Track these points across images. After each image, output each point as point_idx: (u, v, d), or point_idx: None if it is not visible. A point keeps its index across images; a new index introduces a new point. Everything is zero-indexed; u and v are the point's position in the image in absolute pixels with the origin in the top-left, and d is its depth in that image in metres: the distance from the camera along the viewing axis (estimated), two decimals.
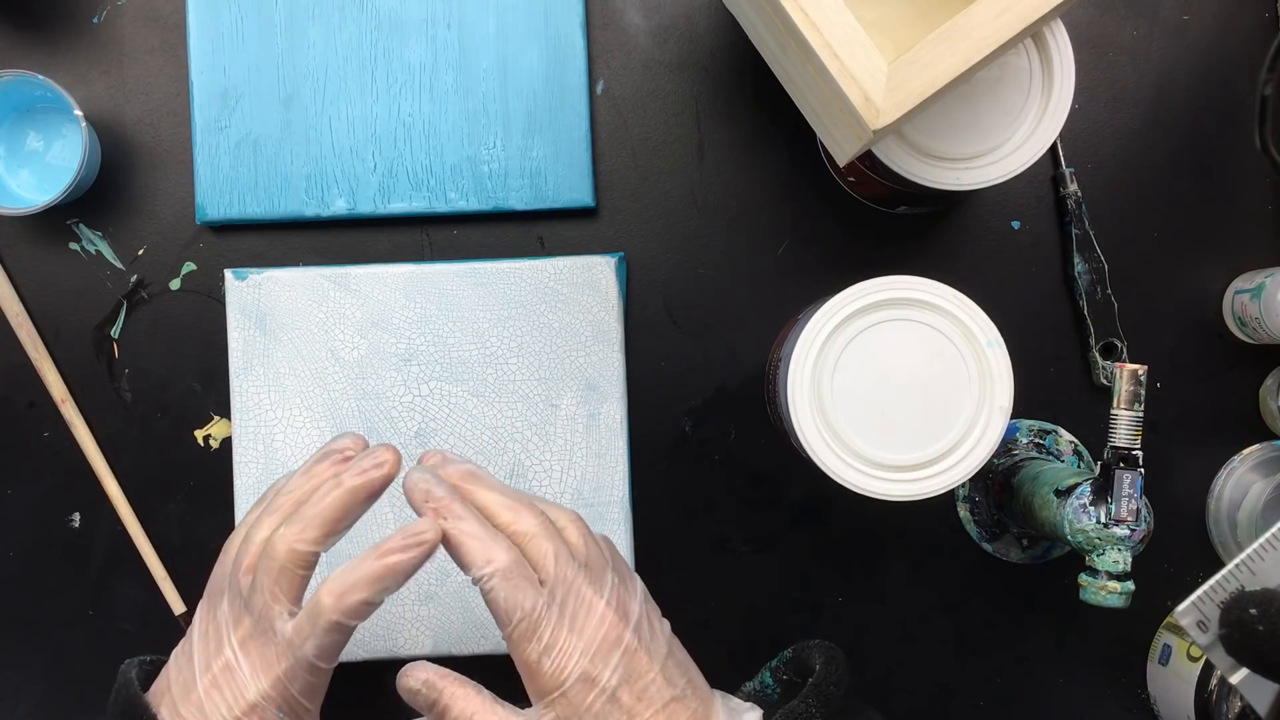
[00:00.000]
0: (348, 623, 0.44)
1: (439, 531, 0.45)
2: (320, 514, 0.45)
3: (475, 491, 0.47)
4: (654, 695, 0.45)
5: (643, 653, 0.45)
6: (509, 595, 0.44)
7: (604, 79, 0.66)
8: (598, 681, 0.44)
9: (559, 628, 0.44)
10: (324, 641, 0.44)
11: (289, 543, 0.45)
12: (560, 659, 0.44)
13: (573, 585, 0.45)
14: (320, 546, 0.45)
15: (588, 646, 0.44)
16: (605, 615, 0.45)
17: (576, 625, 0.45)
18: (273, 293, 0.64)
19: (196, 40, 0.65)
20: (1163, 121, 0.66)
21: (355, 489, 0.45)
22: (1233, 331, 0.66)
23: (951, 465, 0.52)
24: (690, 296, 0.66)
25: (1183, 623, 0.45)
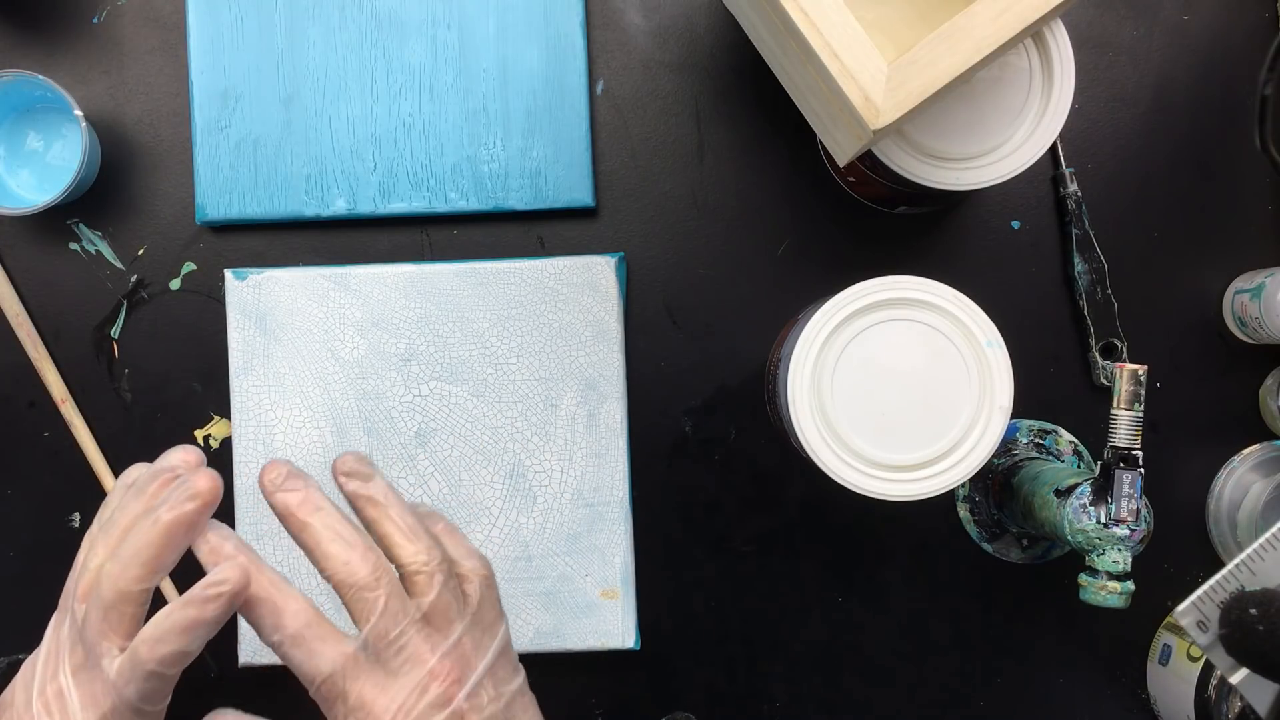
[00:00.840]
0: (166, 671, 0.42)
1: (242, 578, 0.41)
2: (139, 554, 0.42)
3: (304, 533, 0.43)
4: None
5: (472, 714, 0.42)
6: (302, 660, 0.41)
7: (604, 79, 0.66)
8: None
9: (369, 686, 0.41)
10: (145, 688, 0.42)
11: (114, 582, 0.42)
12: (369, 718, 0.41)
13: (397, 642, 0.42)
14: (147, 584, 0.42)
15: (405, 707, 0.41)
16: (435, 673, 0.42)
17: (397, 680, 0.42)
18: (273, 293, 0.64)
19: (196, 40, 0.65)
20: (1163, 121, 0.66)
21: (170, 525, 0.42)
22: (1233, 331, 0.66)
23: (951, 465, 0.52)
24: (690, 296, 0.66)
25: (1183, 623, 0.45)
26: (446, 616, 0.43)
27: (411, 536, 0.44)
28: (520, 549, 0.64)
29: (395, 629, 0.42)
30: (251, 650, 0.63)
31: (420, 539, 0.44)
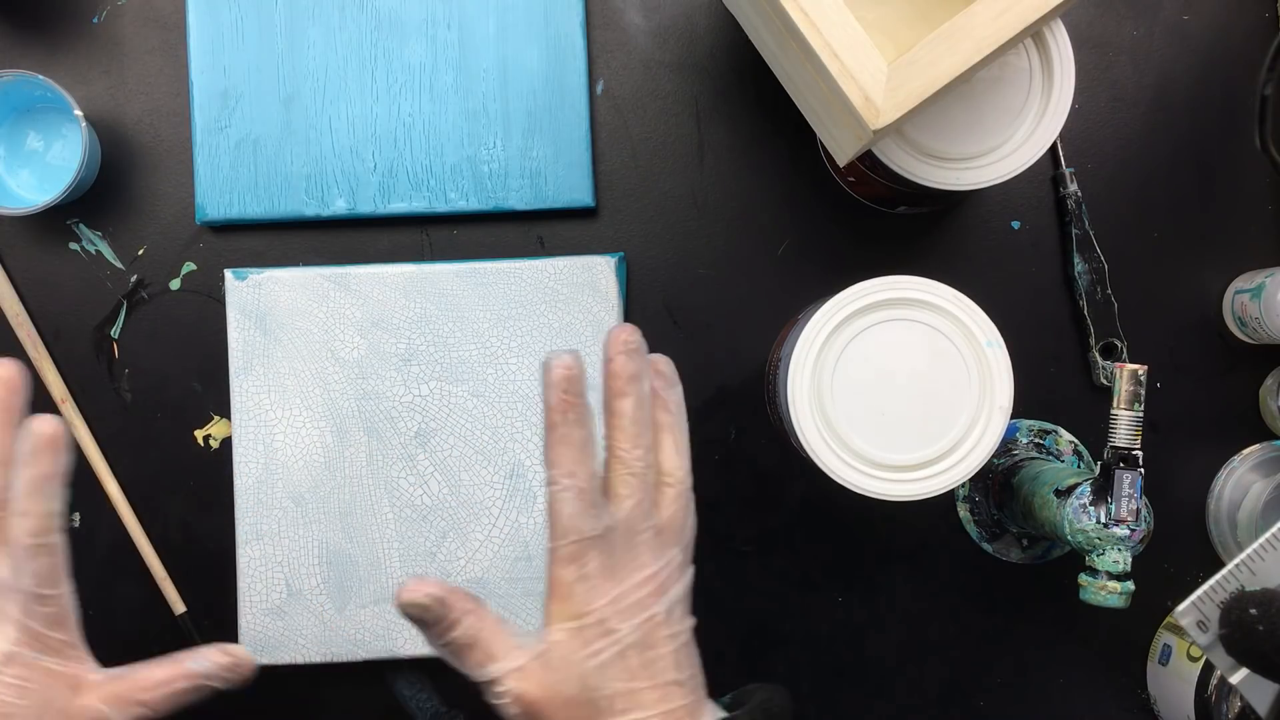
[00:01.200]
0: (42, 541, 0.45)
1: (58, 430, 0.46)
2: None
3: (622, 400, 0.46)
4: (659, 670, 0.45)
5: (664, 629, 0.45)
6: (574, 513, 0.44)
7: (604, 79, 0.66)
8: (614, 632, 0.44)
9: (599, 567, 0.44)
10: (35, 567, 0.45)
11: None
12: (591, 594, 0.44)
13: (634, 539, 0.45)
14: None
15: (621, 597, 0.44)
16: (648, 580, 0.45)
17: (618, 574, 0.44)
18: (273, 293, 0.64)
19: (196, 40, 0.65)
20: (1163, 121, 0.66)
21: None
22: (1233, 331, 0.66)
23: (951, 465, 0.52)
24: (690, 296, 0.66)
25: (1183, 623, 0.45)
26: (672, 532, 0.46)
27: (680, 452, 0.47)
28: (520, 549, 0.64)
29: (641, 524, 0.45)
30: (252, 650, 0.63)
31: (685, 457, 0.47)
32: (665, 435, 0.47)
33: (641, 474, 0.45)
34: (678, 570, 0.47)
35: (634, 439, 0.45)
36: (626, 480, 0.45)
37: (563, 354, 0.45)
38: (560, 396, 0.44)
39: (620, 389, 0.45)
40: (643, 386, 0.46)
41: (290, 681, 0.65)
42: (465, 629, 0.44)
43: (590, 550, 0.44)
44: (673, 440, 0.47)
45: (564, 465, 0.44)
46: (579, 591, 0.44)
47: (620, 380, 0.45)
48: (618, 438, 0.45)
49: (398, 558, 0.63)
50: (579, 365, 0.45)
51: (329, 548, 0.63)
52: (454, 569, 0.63)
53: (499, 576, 0.63)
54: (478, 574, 0.63)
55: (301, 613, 0.63)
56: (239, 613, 0.63)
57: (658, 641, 0.45)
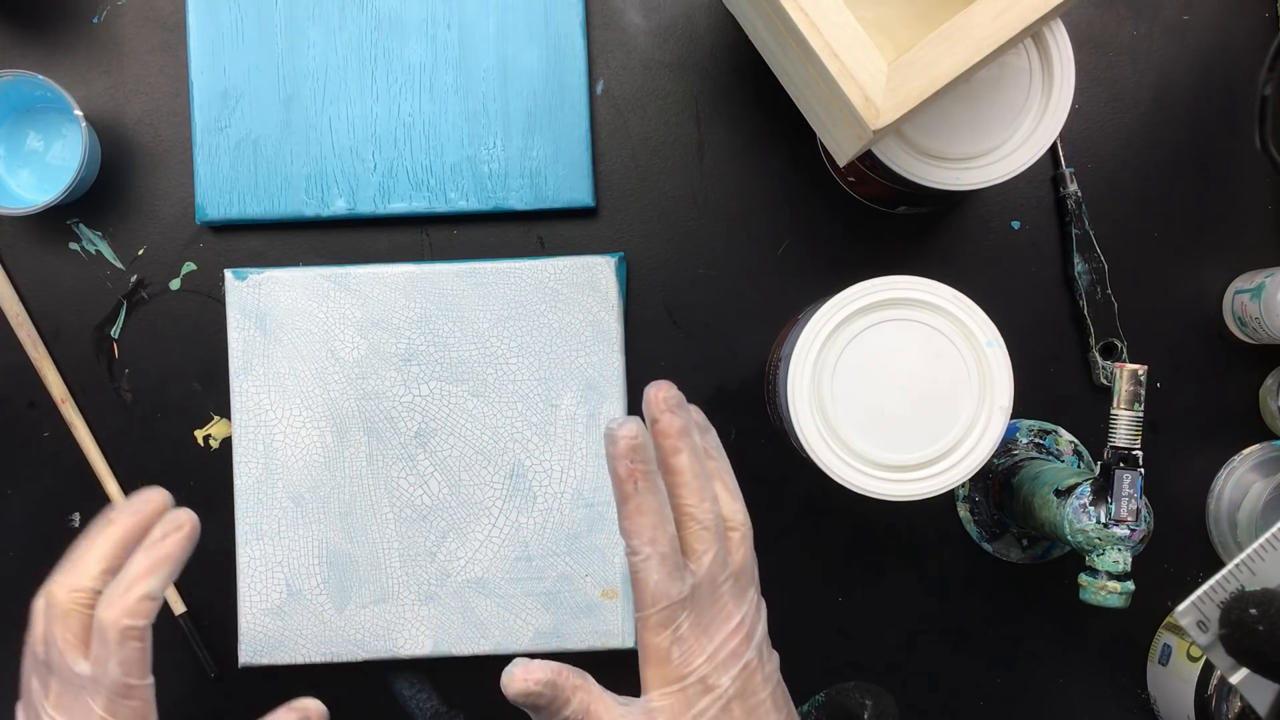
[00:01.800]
0: (135, 624, 0.45)
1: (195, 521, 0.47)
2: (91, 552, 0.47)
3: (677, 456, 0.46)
4: (761, 716, 0.45)
5: (759, 673, 0.45)
6: (660, 580, 0.44)
7: (604, 79, 0.66)
8: (716, 688, 0.44)
9: (691, 627, 0.44)
10: (123, 655, 0.45)
11: (64, 586, 0.46)
12: (688, 655, 0.44)
13: (717, 590, 0.45)
14: (99, 583, 0.46)
15: (716, 652, 0.44)
16: (737, 629, 0.45)
17: (710, 630, 0.45)
18: (273, 293, 0.64)
19: (196, 40, 0.65)
20: (1163, 121, 0.66)
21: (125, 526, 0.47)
22: (1233, 331, 0.66)
23: (951, 465, 0.52)
24: (690, 296, 0.66)
25: (1183, 623, 0.45)
26: (745, 576, 0.47)
27: (735, 495, 0.48)
28: (520, 549, 0.64)
29: (720, 575, 0.45)
30: (252, 650, 0.63)
31: (739, 498, 0.48)
32: (717, 482, 0.47)
33: (713, 526, 0.46)
34: (757, 611, 0.47)
35: (699, 493, 0.45)
36: (701, 535, 0.45)
37: (626, 423, 0.45)
38: (629, 466, 0.44)
39: (674, 446, 0.46)
40: (694, 439, 0.46)
41: (290, 681, 0.65)
42: (576, 706, 0.44)
43: (680, 612, 0.44)
44: (724, 485, 0.47)
45: (643, 534, 0.44)
46: (675, 655, 0.44)
47: (671, 438, 0.46)
48: (684, 494, 0.45)
49: (398, 558, 0.63)
50: (643, 432, 0.45)
51: (329, 548, 0.63)
52: (454, 569, 0.63)
53: (499, 576, 0.63)
54: (478, 574, 0.63)
55: (301, 613, 0.63)
56: (239, 613, 0.63)
57: (756, 688, 0.45)
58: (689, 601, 0.44)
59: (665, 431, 0.46)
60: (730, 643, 0.45)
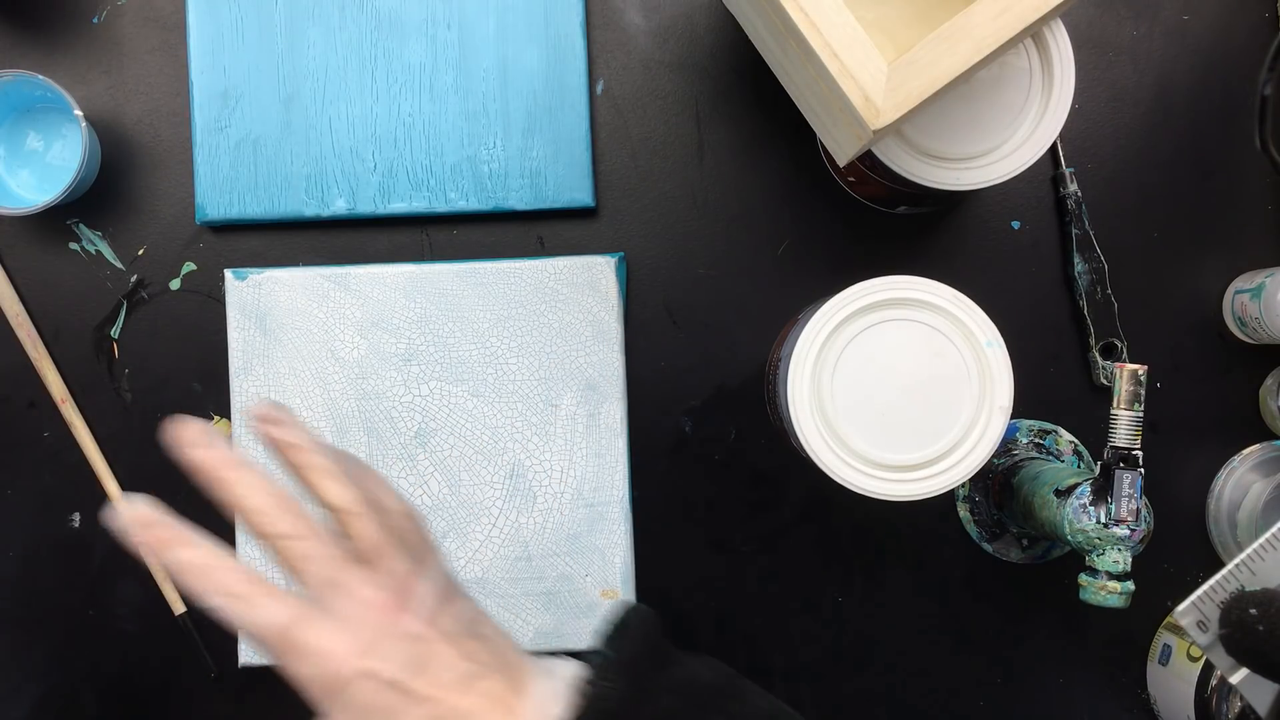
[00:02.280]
0: None
1: None
2: None
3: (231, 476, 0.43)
4: (448, 676, 0.42)
5: (431, 635, 0.42)
6: (255, 616, 0.41)
7: (604, 79, 0.66)
8: (379, 675, 0.41)
9: (325, 632, 0.41)
10: None
11: None
12: (333, 663, 0.41)
13: (339, 582, 0.42)
14: None
15: (363, 644, 0.41)
16: (382, 605, 0.42)
17: (346, 623, 0.41)
18: (273, 293, 0.64)
19: (196, 40, 0.65)
20: (1163, 121, 0.66)
21: None
22: (1233, 331, 0.66)
23: (951, 465, 0.52)
24: (690, 296, 0.66)
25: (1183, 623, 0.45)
26: (383, 553, 0.43)
27: (338, 478, 0.44)
28: (520, 549, 0.64)
29: (335, 572, 0.42)
30: (251, 650, 0.63)
31: (346, 480, 0.44)
32: (311, 473, 0.44)
33: (302, 535, 0.42)
34: (413, 576, 0.43)
35: (273, 518, 0.42)
36: (288, 549, 0.42)
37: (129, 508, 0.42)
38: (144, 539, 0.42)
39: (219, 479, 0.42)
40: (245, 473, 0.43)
41: None
42: None
43: (302, 632, 0.41)
44: (327, 474, 0.44)
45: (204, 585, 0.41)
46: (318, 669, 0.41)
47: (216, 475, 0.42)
48: (258, 524, 0.43)
49: None
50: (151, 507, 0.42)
51: None
52: (454, 569, 0.63)
53: (499, 576, 0.63)
54: (478, 574, 0.63)
55: None
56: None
57: (433, 653, 0.42)
58: (310, 613, 0.41)
59: (207, 472, 0.43)
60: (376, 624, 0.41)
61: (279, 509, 0.42)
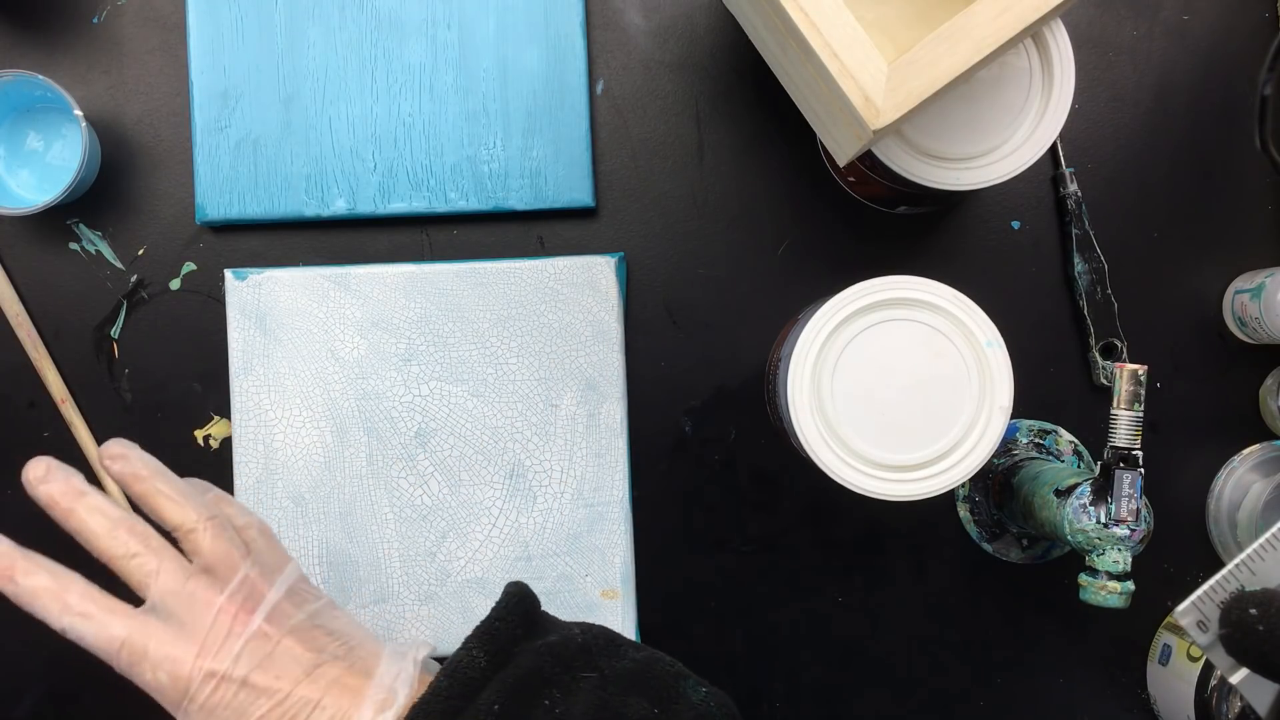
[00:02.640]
0: None
1: None
2: None
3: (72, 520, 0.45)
4: (293, 667, 0.44)
5: (276, 634, 0.44)
6: (95, 633, 0.43)
7: (604, 79, 0.66)
8: (223, 674, 0.43)
9: (167, 639, 0.43)
10: None
11: None
12: (176, 668, 0.43)
13: (183, 593, 0.44)
14: None
15: (205, 646, 0.43)
16: (225, 609, 0.44)
17: (190, 628, 0.43)
18: (273, 293, 0.64)
19: (196, 40, 0.65)
20: (1163, 121, 0.66)
21: None
22: (1233, 331, 0.66)
23: (951, 465, 0.52)
24: (690, 296, 0.66)
25: (1183, 623, 0.45)
26: (228, 563, 0.45)
27: (180, 499, 0.46)
28: (520, 549, 0.64)
29: (178, 583, 0.44)
30: None
31: (188, 499, 0.46)
32: (154, 499, 0.46)
33: (145, 548, 0.45)
34: (261, 581, 0.45)
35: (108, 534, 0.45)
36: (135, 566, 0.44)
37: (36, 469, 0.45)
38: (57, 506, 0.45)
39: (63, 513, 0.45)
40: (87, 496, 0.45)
41: None
42: None
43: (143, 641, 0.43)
44: (164, 496, 0.46)
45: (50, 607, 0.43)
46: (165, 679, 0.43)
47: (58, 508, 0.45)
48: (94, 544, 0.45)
49: (398, 558, 0.63)
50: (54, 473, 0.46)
51: (329, 548, 0.63)
52: (454, 569, 0.63)
53: (499, 576, 0.63)
54: (478, 574, 0.63)
55: None
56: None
57: (277, 649, 0.44)
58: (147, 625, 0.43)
59: (50, 505, 0.45)
60: (220, 628, 0.43)
61: (121, 530, 0.45)
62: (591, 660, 0.44)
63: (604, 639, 0.46)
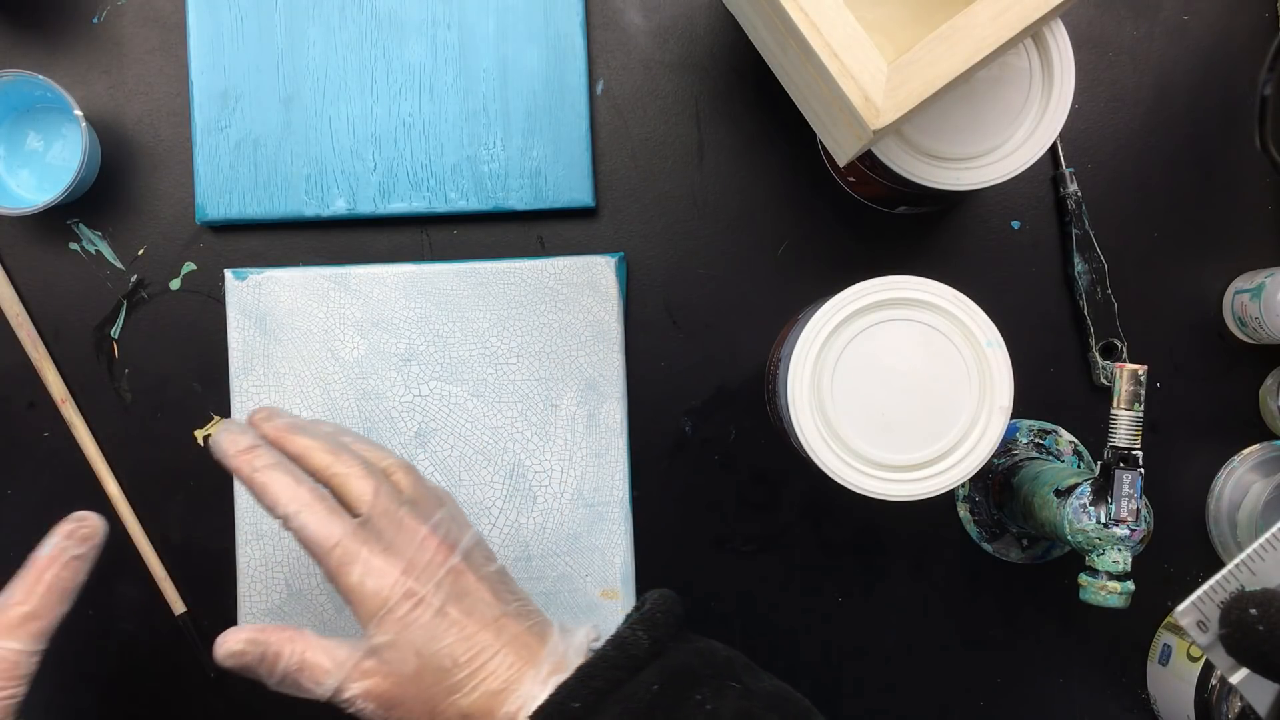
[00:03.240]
0: None
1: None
2: None
3: (293, 439, 0.49)
4: (483, 610, 0.46)
5: (470, 573, 0.47)
6: (318, 525, 0.45)
7: (604, 79, 0.66)
8: (423, 597, 0.45)
9: (376, 552, 0.45)
10: None
11: None
12: (381, 579, 0.45)
13: (393, 514, 0.46)
14: None
15: (410, 566, 0.45)
16: (429, 539, 0.46)
17: (398, 548, 0.46)
18: (273, 293, 0.64)
19: (196, 40, 0.65)
20: (1163, 121, 0.66)
21: None
22: (1233, 331, 0.66)
23: (951, 465, 0.52)
24: (690, 296, 0.66)
25: (1183, 623, 0.45)
26: (429, 501, 0.49)
27: (378, 448, 0.50)
28: (520, 549, 0.64)
29: (392, 506, 0.47)
30: None
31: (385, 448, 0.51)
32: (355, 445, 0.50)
33: (363, 471, 0.47)
34: (455, 526, 0.48)
35: (331, 453, 0.48)
36: (353, 481, 0.47)
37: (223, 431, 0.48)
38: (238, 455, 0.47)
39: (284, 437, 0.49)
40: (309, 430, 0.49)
41: None
42: (290, 656, 0.46)
43: (357, 545, 0.45)
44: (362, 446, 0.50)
45: (282, 496, 0.46)
46: (370, 584, 0.45)
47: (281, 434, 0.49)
48: (315, 459, 0.48)
49: None
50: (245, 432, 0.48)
51: None
52: None
53: None
54: None
55: (301, 613, 0.63)
56: (239, 613, 0.63)
57: (470, 588, 0.46)
58: (363, 534, 0.45)
59: (271, 435, 0.49)
60: (425, 553, 0.46)
61: (343, 452, 0.48)
62: (735, 673, 0.47)
63: (743, 659, 0.48)
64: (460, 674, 0.45)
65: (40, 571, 0.49)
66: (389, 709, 0.45)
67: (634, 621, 0.46)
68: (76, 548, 0.50)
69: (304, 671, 0.46)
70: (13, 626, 0.47)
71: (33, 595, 0.48)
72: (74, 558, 0.49)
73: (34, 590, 0.48)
